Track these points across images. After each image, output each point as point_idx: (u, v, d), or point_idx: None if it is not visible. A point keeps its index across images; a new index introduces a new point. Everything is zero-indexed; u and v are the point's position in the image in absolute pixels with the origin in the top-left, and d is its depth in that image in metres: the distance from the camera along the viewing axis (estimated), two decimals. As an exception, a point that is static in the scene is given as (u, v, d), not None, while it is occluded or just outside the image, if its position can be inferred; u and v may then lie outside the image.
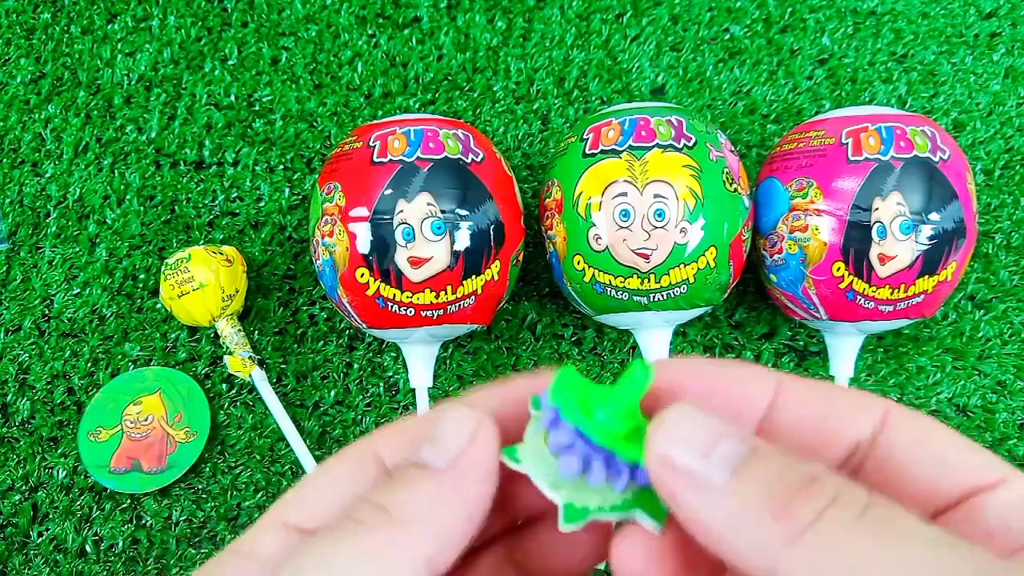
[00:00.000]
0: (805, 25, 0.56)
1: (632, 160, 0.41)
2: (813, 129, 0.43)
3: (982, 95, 0.55)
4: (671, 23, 0.56)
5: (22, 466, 0.47)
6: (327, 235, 0.42)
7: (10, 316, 0.50)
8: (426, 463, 0.16)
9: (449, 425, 0.17)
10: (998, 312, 0.50)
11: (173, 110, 0.55)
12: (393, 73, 0.55)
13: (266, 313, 0.50)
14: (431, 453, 0.17)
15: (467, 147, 0.42)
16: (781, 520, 0.14)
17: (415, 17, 0.57)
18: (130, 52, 0.56)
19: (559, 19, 0.56)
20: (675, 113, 0.42)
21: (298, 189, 0.53)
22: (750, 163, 0.53)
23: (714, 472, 0.15)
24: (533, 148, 0.54)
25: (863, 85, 0.55)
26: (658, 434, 0.15)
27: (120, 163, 0.54)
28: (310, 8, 0.57)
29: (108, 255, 0.51)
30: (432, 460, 0.16)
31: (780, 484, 0.14)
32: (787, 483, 0.14)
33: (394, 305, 0.41)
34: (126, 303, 0.50)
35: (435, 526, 0.16)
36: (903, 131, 0.41)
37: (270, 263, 0.51)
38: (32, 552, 0.46)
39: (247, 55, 0.56)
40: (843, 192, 0.40)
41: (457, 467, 0.16)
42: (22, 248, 0.52)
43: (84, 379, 0.49)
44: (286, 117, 0.54)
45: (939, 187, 0.40)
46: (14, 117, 0.55)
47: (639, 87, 0.55)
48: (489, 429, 0.17)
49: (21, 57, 0.56)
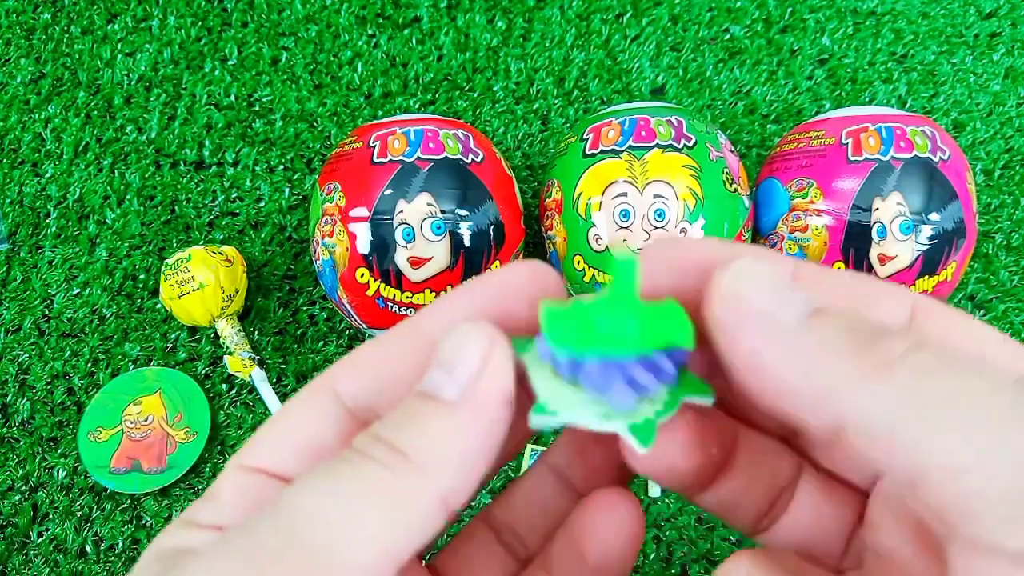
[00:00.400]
0: (805, 25, 0.56)
1: (632, 160, 0.41)
2: (813, 129, 0.43)
3: (982, 95, 0.55)
4: (671, 23, 0.56)
5: (22, 466, 0.47)
6: (327, 235, 0.42)
7: (10, 316, 0.50)
8: (436, 395, 0.15)
9: (457, 346, 0.15)
10: (998, 312, 0.50)
11: (173, 110, 0.55)
12: (393, 73, 0.55)
13: (266, 313, 0.50)
14: (441, 382, 0.15)
15: (467, 147, 0.42)
16: (863, 356, 0.13)
17: (415, 17, 0.57)
18: (130, 52, 0.56)
19: (559, 19, 0.56)
20: (675, 113, 0.42)
21: (298, 189, 0.53)
22: (750, 163, 0.53)
23: (789, 310, 0.14)
24: (533, 148, 0.54)
25: (863, 85, 0.55)
26: (728, 276, 0.14)
27: (120, 163, 0.54)
28: (310, 8, 0.57)
29: (108, 255, 0.51)
30: (444, 392, 0.15)
31: (857, 329, 0.13)
32: (864, 328, 0.13)
33: (394, 305, 0.41)
34: (126, 303, 0.50)
35: (452, 464, 0.14)
36: (903, 131, 0.41)
37: (270, 263, 0.51)
38: (32, 552, 0.46)
39: (247, 55, 0.56)
40: (843, 192, 0.40)
41: (472, 398, 0.15)
42: (22, 248, 0.52)
43: (84, 379, 0.49)
44: (286, 117, 0.54)
45: (939, 187, 0.40)
46: (14, 117, 0.55)
47: (639, 87, 0.55)
48: (503, 347, 0.15)
49: (21, 57, 0.56)
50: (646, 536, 0.46)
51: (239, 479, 0.17)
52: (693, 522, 0.46)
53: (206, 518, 0.16)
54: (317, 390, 0.17)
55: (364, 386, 0.17)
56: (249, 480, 0.16)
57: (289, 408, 0.17)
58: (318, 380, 0.17)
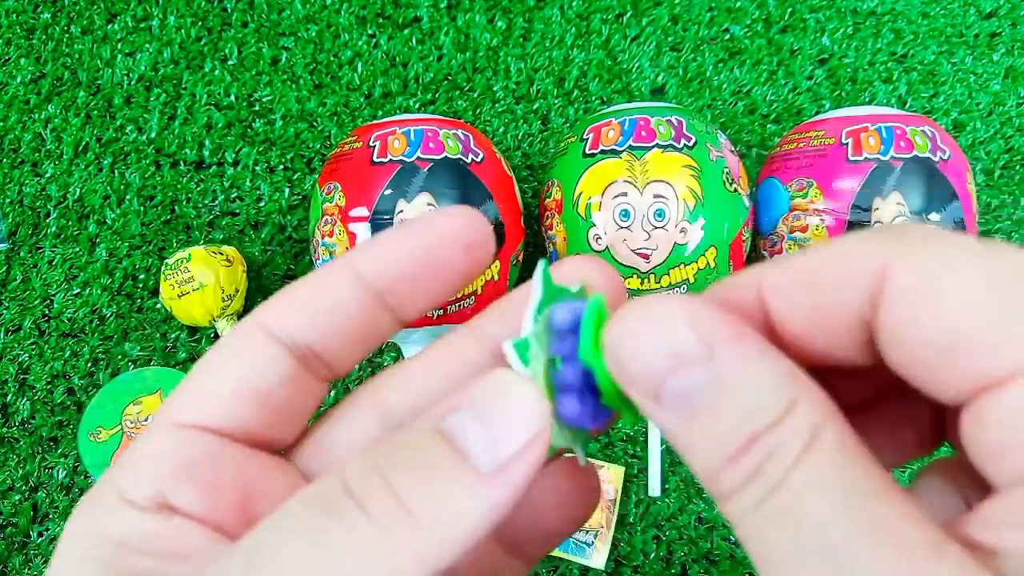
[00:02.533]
0: (805, 25, 0.56)
1: (632, 160, 0.41)
2: (813, 129, 0.43)
3: (982, 95, 0.55)
4: (671, 23, 0.56)
5: (22, 466, 0.47)
6: (327, 235, 0.42)
7: (10, 316, 0.50)
8: (465, 449, 0.13)
9: (506, 410, 0.13)
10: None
11: (173, 110, 0.55)
12: (393, 73, 0.56)
13: (266, 313, 0.50)
14: (471, 438, 0.13)
15: (467, 147, 0.42)
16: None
17: (415, 17, 0.57)
18: (130, 52, 0.56)
19: (559, 19, 0.56)
20: (675, 113, 0.42)
21: (298, 189, 0.53)
22: (750, 163, 0.53)
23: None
24: (533, 148, 0.54)
25: (863, 85, 0.55)
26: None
27: (120, 163, 0.54)
28: (310, 8, 0.57)
29: (108, 255, 0.51)
30: (476, 453, 0.13)
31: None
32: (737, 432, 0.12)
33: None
34: (126, 303, 0.50)
35: (460, 535, 0.13)
36: (903, 131, 0.41)
37: (270, 263, 0.51)
38: (32, 552, 0.45)
39: (247, 55, 0.56)
40: (843, 192, 0.40)
41: (504, 477, 0.13)
42: (22, 248, 0.52)
43: (84, 379, 0.49)
44: (286, 117, 0.54)
45: (939, 187, 0.40)
46: (14, 117, 0.55)
47: (639, 87, 0.55)
48: (546, 435, 0.14)
49: (21, 57, 0.56)
50: (646, 536, 0.46)
51: (178, 439, 0.15)
52: (693, 522, 0.46)
53: (144, 491, 0.14)
54: (248, 331, 0.15)
55: (301, 323, 0.15)
56: (190, 439, 0.15)
57: (218, 353, 0.15)
58: (247, 320, 0.15)
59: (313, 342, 0.16)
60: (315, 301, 0.16)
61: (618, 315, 0.13)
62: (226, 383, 0.15)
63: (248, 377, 0.15)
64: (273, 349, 0.15)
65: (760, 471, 0.12)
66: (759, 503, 0.12)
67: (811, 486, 0.11)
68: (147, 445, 0.15)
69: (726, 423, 0.12)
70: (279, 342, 0.15)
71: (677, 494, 0.47)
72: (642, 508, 0.47)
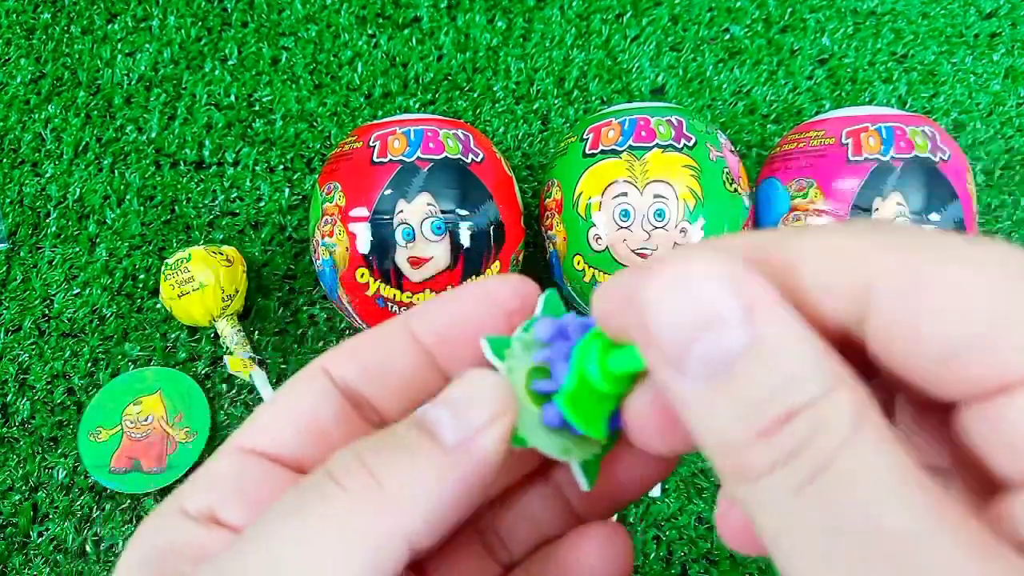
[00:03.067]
0: (805, 25, 0.56)
1: (632, 160, 0.41)
2: (813, 129, 0.43)
3: (982, 95, 0.55)
4: (671, 23, 0.56)
5: (22, 466, 0.47)
6: (327, 235, 0.42)
7: (10, 316, 0.50)
8: (435, 431, 0.14)
9: (470, 394, 0.15)
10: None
11: (173, 110, 0.55)
12: (393, 73, 0.55)
13: (266, 313, 0.50)
14: (442, 420, 0.14)
15: (467, 147, 0.42)
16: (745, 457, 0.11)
17: (415, 17, 0.57)
18: (130, 52, 0.56)
19: (559, 19, 0.56)
20: (675, 113, 0.42)
21: (298, 189, 0.53)
22: (750, 163, 0.53)
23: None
24: (533, 148, 0.54)
25: (863, 85, 0.55)
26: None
27: (120, 163, 0.54)
28: (310, 8, 0.57)
29: (108, 255, 0.51)
30: (442, 432, 0.14)
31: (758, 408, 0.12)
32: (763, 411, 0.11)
33: (394, 305, 0.41)
34: (126, 303, 0.50)
35: (428, 505, 0.14)
36: (903, 131, 0.41)
37: (270, 263, 0.51)
38: (32, 552, 0.46)
39: (247, 55, 0.56)
40: (843, 192, 0.40)
41: (468, 450, 0.14)
42: (22, 248, 0.52)
43: (84, 379, 0.49)
44: (286, 117, 0.54)
45: (939, 187, 0.40)
46: (14, 117, 0.55)
47: (639, 87, 0.55)
48: (512, 412, 0.15)
49: (21, 57, 0.56)
50: (646, 536, 0.46)
51: (237, 461, 0.16)
52: (693, 522, 0.46)
53: (198, 504, 0.16)
54: (312, 373, 0.17)
55: (356, 372, 0.17)
56: (247, 462, 0.16)
57: (286, 390, 0.17)
58: (312, 364, 0.17)
59: (364, 389, 0.17)
60: (370, 353, 0.17)
61: (650, 269, 0.13)
62: (287, 416, 0.17)
63: (305, 413, 0.17)
64: (330, 392, 0.17)
65: (801, 450, 0.11)
66: (800, 486, 0.11)
67: (865, 470, 0.11)
68: (212, 464, 0.16)
69: (761, 393, 0.11)
70: (336, 386, 0.17)
71: (677, 494, 0.47)
72: (642, 508, 0.47)
